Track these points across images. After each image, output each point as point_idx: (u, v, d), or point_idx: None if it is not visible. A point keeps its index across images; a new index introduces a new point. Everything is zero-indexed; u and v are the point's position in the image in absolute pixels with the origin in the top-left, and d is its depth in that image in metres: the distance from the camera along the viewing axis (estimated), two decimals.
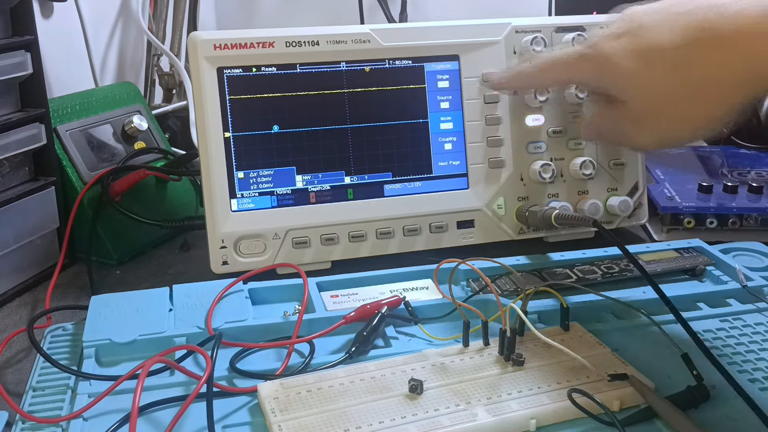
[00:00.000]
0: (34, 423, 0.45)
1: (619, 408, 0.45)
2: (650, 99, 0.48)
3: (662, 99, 0.47)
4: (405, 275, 0.62)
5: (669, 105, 0.48)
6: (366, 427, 0.42)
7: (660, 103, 0.48)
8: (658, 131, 0.49)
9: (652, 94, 0.48)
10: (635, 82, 0.48)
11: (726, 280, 0.62)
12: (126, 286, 0.68)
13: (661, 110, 0.48)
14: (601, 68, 0.50)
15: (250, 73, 0.66)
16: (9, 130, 0.65)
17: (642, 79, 0.48)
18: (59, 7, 0.98)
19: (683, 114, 0.48)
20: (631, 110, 0.50)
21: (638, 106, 0.49)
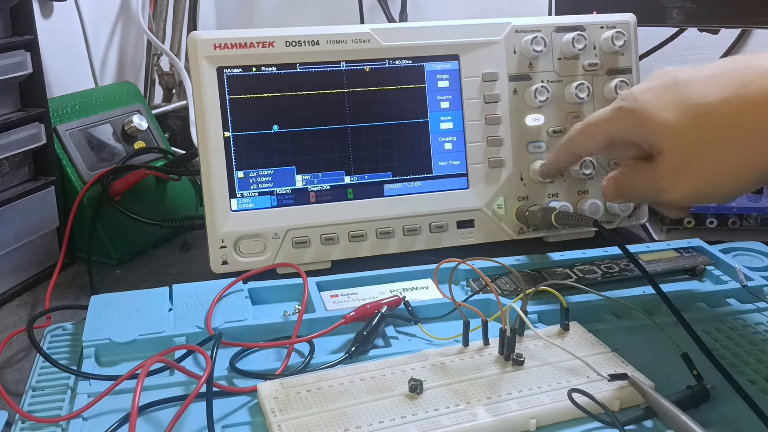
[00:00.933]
0: (34, 423, 0.45)
1: (619, 408, 0.45)
2: (689, 150, 0.49)
3: (701, 150, 0.48)
4: (405, 275, 0.62)
5: (707, 157, 0.48)
6: (366, 426, 0.42)
7: (698, 155, 0.48)
8: (693, 183, 0.49)
9: (690, 145, 0.49)
10: (675, 134, 0.49)
11: (726, 279, 0.62)
12: (126, 285, 0.68)
13: (699, 161, 0.49)
14: (640, 120, 0.51)
15: (250, 72, 0.66)
16: (9, 129, 0.65)
17: (682, 130, 0.49)
18: (59, 6, 0.98)
19: (722, 166, 0.48)
20: (669, 161, 0.50)
21: (676, 157, 0.49)
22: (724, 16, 0.83)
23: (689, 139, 0.49)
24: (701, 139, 0.48)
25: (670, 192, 0.51)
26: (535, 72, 0.72)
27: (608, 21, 0.73)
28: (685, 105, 0.49)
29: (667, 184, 0.50)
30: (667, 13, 0.86)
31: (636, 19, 0.74)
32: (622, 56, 0.73)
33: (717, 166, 0.48)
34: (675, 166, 0.50)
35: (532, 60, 0.71)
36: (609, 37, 0.72)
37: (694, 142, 0.48)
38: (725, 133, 0.47)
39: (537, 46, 0.70)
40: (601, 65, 0.73)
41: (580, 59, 0.72)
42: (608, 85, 0.72)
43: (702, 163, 0.49)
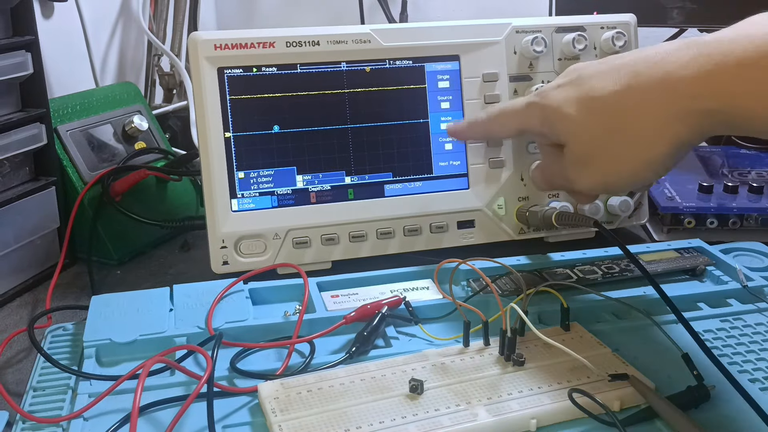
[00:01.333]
0: (35, 423, 0.45)
1: (620, 408, 0.45)
2: (588, 142, 0.51)
3: (599, 142, 0.50)
4: (405, 275, 0.62)
5: (606, 148, 0.50)
6: (366, 427, 0.42)
7: (597, 147, 0.50)
8: (597, 174, 0.51)
9: (589, 137, 0.51)
10: (575, 127, 0.51)
11: (726, 280, 0.62)
12: (126, 286, 0.68)
13: (599, 154, 0.51)
14: (546, 115, 0.53)
15: (250, 73, 0.66)
16: (9, 130, 0.65)
17: (581, 124, 0.51)
18: (60, 7, 0.98)
19: (619, 157, 0.50)
20: (572, 153, 0.52)
21: (578, 150, 0.52)
22: (724, 16, 0.83)
23: (589, 132, 0.50)
24: (600, 132, 0.50)
25: (576, 183, 0.53)
26: (536, 72, 0.72)
27: (608, 21, 0.73)
28: (586, 99, 0.50)
29: (574, 175, 0.53)
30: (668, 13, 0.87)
31: (636, 19, 0.74)
32: None
33: (616, 157, 0.50)
34: (578, 158, 0.52)
35: (532, 60, 0.71)
36: (609, 38, 0.72)
37: (594, 135, 0.50)
38: (620, 124, 0.49)
39: (537, 47, 0.70)
40: None
41: (580, 59, 0.72)
42: None
43: (602, 156, 0.50)
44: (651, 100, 0.47)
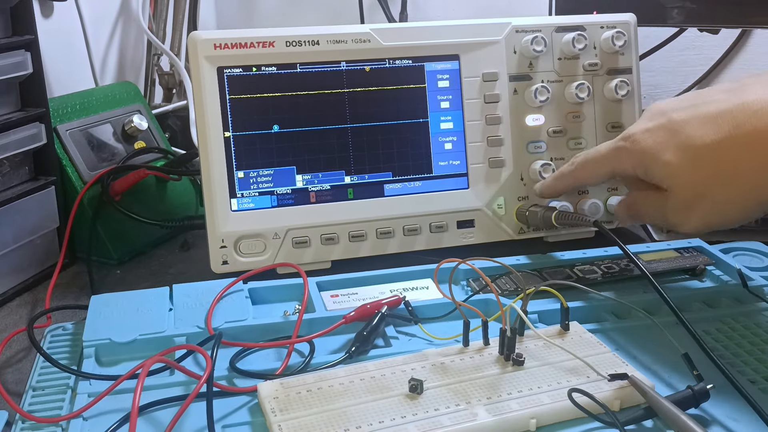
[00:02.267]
0: (34, 422, 0.45)
1: (620, 408, 0.45)
2: (693, 189, 0.52)
3: (705, 189, 0.52)
4: (405, 275, 0.62)
5: (714, 193, 0.51)
6: (366, 426, 0.42)
7: (704, 192, 0.52)
8: (702, 217, 0.53)
9: (695, 184, 0.52)
10: (679, 173, 0.52)
11: (726, 280, 0.62)
12: (126, 285, 0.68)
13: (705, 199, 0.52)
14: (641, 161, 0.54)
15: (250, 72, 0.66)
16: (9, 129, 0.65)
17: (684, 170, 0.52)
18: (59, 6, 0.98)
19: (729, 200, 0.51)
20: (677, 198, 0.53)
21: (684, 195, 0.53)
22: (724, 16, 0.83)
23: (693, 178, 0.52)
24: (704, 178, 0.51)
25: (681, 226, 0.55)
26: (536, 72, 0.72)
27: (608, 21, 0.73)
28: (685, 146, 0.52)
29: (678, 219, 0.54)
30: (667, 13, 0.86)
31: (636, 19, 0.74)
32: (622, 56, 0.73)
33: (722, 201, 0.52)
34: (683, 203, 0.53)
35: (532, 60, 0.71)
36: (609, 37, 0.72)
37: (698, 181, 0.52)
38: (726, 172, 0.50)
39: (537, 46, 0.70)
40: (601, 65, 0.73)
41: (580, 59, 0.72)
42: (608, 85, 0.73)
43: (708, 200, 0.52)
44: (759, 148, 0.49)
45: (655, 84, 1.15)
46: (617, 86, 0.72)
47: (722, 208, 0.52)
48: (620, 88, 0.72)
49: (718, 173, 0.51)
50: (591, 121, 0.73)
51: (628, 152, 0.56)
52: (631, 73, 0.73)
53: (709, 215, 0.53)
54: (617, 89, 0.72)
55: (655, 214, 0.57)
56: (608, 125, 0.73)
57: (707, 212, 0.53)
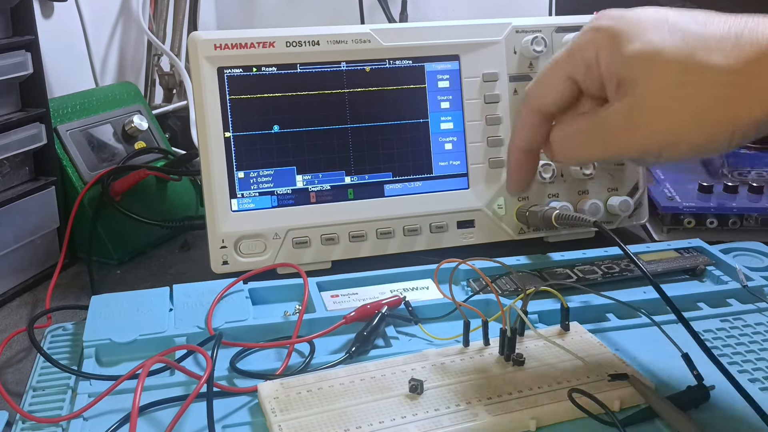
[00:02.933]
0: (35, 423, 0.45)
1: (620, 408, 0.45)
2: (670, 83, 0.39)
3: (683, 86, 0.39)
4: (405, 275, 0.62)
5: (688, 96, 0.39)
6: (366, 427, 0.42)
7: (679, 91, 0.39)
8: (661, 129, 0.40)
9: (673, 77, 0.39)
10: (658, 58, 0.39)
11: (726, 280, 0.62)
12: (126, 285, 0.68)
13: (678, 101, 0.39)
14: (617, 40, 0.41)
15: (250, 73, 0.66)
16: (9, 129, 0.65)
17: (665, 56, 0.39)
18: (60, 6, 0.98)
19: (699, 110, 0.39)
20: (640, 94, 0.40)
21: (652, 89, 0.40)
22: None
23: (673, 76, 0.39)
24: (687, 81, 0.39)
25: (622, 138, 0.41)
26: (536, 72, 0.72)
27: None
28: (683, 31, 0.40)
29: (623, 125, 0.41)
30: None
31: None
32: None
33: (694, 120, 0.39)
34: (644, 106, 0.40)
35: (532, 60, 0.71)
36: None
37: (679, 82, 0.39)
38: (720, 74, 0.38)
39: (537, 47, 0.70)
40: None
41: None
42: None
43: (680, 113, 0.39)
44: None
45: None
46: None
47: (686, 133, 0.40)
48: None
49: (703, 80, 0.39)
50: None
51: (594, 33, 0.42)
52: None
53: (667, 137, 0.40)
54: None
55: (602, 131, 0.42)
56: None
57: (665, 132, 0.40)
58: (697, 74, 0.39)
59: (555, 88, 0.45)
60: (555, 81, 0.45)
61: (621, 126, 0.41)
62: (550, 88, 0.46)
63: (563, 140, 0.46)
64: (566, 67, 0.44)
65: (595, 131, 0.43)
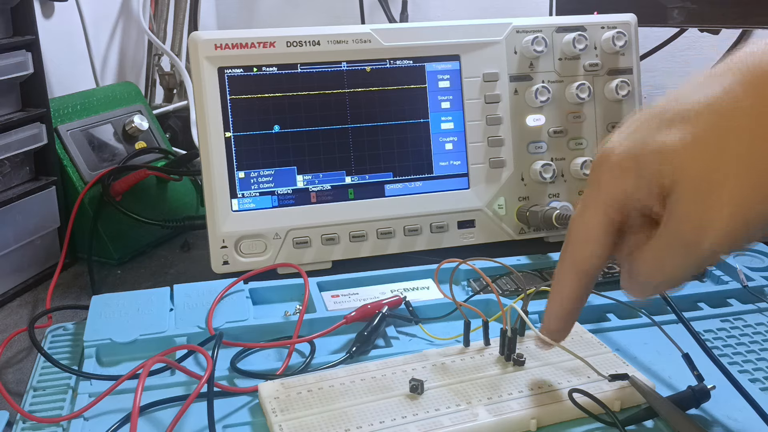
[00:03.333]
0: (35, 423, 0.45)
1: (620, 408, 0.45)
2: (709, 166, 0.35)
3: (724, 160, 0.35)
4: (406, 275, 0.62)
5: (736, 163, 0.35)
6: (366, 426, 0.42)
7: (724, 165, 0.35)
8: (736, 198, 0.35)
9: (709, 158, 0.35)
10: (682, 154, 0.36)
11: (727, 280, 0.62)
12: (127, 285, 0.68)
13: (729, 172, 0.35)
14: (628, 167, 0.38)
15: (251, 73, 0.66)
16: (10, 129, 0.65)
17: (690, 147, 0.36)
18: (60, 7, 0.98)
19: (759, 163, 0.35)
20: (689, 191, 0.36)
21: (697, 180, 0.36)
22: (724, 17, 0.83)
23: (704, 153, 0.35)
24: (720, 148, 0.35)
25: (705, 234, 0.35)
26: (536, 72, 0.72)
27: (609, 21, 0.73)
28: (681, 117, 0.37)
29: (698, 222, 0.36)
30: (668, 13, 0.86)
31: (637, 19, 0.74)
32: (622, 56, 0.73)
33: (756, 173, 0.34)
34: (699, 192, 0.36)
35: (532, 60, 0.71)
36: (610, 38, 0.72)
37: (712, 154, 0.35)
38: (750, 125, 0.35)
39: (538, 47, 0.70)
40: (601, 65, 0.73)
41: (580, 59, 0.72)
42: (609, 85, 0.73)
43: (732, 176, 0.35)
44: None
45: (655, 84, 1.15)
46: (618, 86, 0.72)
47: (758, 190, 0.34)
48: (621, 88, 0.72)
49: (738, 135, 0.34)
50: (591, 122, 0.73)
51: (607, 169, 0.39)
52: (631, 74, 0.74)
53: (743, 203, 0.34)
54: (618, 89, 0.72)
55: (670, 245, 0.37)
56: (609, 125, 0.73)
57: (739, 201, 0.34)
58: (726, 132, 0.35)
59: (596, 242, 0.40)
60: (594, 234, 0.40)
61: (693, 231, 0.36)
62: (591, 244, 0.41)
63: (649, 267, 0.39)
64: (598, 216, 0.40)
65: (674, 247, 0.38)
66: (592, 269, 0.42)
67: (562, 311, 0.43)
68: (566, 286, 0.42)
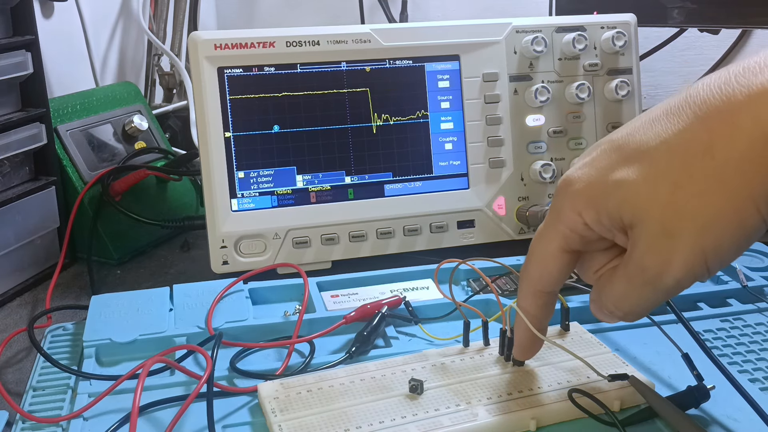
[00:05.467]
0: (35, 423, 0.45)
1: (620, 408, 0.45)
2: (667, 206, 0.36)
3: (681, 199, 0.36)
4: (405, 275, 0.62)
5: (692, 204, 0.36)
6: (366, 426, 0.42)
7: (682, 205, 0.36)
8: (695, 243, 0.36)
9: (667, 200, 0.36)
10: (640, 192, 0.37)
11: (726, 280, 0.62)
12: (126, 285, 0.68)
13: (685, 213, 0.36)
14: (588, 198, 0.39)
15: (250, 73, 0.66)
16: (9, 129, 0.65)
17: (647, 185, 0.37)
18: (60, 6, 0.98)
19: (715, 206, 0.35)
20: (649, 230, 0.37)
21: (656, 220, 0.36)
22: (724, 16, 0.83)
23: (660, 193, 0.36)
24: (675, 187, 0.36)
25: (667, 270, 0.37)
26: (536, 72, 0.72)
27: (609, 21, 0.73)
28: (638, 153, 0.37)
29: (660, 259, 0.37)
30: (668, 13, 0.86)
31: (636, 19, 0.74)
32: (622, 56, 0.73)
33: (709, 215, 0.35)
34: (659, 232, 0.37)
35: (532, 60, 0.71)
36: (609, 38, 0.72)
37: (668, 194, 0.36)
38: (701, 170, 0.35)
39: (537, 47, 0.70)
40: (601, 65, 0.73)
41: (580, 59, 0.72)
42: (609, 85, 0.73)
43: (689, 219, 0.36)
44: (742, 121, 0.35)
45: (655, 84, 1.15)
46: (617, 86, 0.72)
47: (713, 226, 0.35)
48: (620, 88, 0.72)
49: (692, 174, 0.35)
50: (591, 122, 0.73)
51: (568, 199, 0.39)
52: (631, 74, 0.74)
53: (701, 240, 0.36)
54: (617, 89, 0.72)
55: (633, 279, 0.38)
56: (608, 125, 0.73)
57: (696, 237, 0.36)
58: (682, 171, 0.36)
59: (554, 266, 0.42)
60: (551, 259, 0.42)
61: (657, 268, 0.37)
62: (548, 267, 0.42)
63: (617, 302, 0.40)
64: (556, 242, 0.41)
65: (639, 282, 0.38)
66: (548, 288, 0.43)
67: (526, 338, 0.45)
68: (527, 304, 0.44)
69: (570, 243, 0.41)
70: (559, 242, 0.41)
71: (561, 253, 0.41)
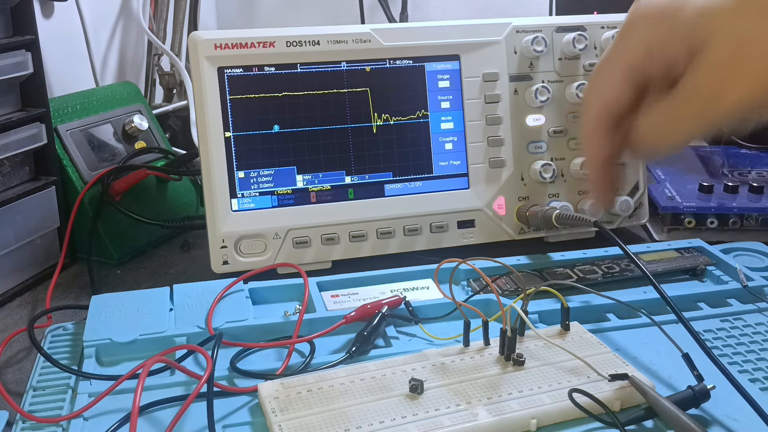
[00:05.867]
0: (35, 423, 0.45)
1: (620, 408, 0.45)
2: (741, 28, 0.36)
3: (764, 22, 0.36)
4: (405, 275, 0.62)
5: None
6: (366, 426, 0.42)
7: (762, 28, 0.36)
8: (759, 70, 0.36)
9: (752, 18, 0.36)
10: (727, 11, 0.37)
11: (727, 280, 0.62)
12: (126, 285, 0.68)
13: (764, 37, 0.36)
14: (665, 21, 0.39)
15: (250, 72, 0.66)
16: (9, 129, 0.65)
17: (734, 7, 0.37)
18: (60, 6, 0.98)
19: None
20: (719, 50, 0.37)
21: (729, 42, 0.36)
22: None
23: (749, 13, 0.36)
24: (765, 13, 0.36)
25: (727, 91, 0.37)
26: (536, 72, 0.72)
27: (609, 21, 0.73)
28: None
29: (721, 80, 0.37)
30: None
31: None
32: None
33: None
34: (733, 49, 0.36)
35: (532, 60, 0.71)
36: (610, 37, 0.72)
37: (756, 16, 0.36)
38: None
39: (538, 46, 0.70)
40: None
41: (580, 59, 0.72)
42: None
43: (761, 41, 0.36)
44: None
45: None
46: None
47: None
48: None
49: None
50: None
51: (646, 17, 0.40)
52: None
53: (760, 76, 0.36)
54: None
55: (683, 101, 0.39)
56: None
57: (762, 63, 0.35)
58: None
59: (618, 85, 0.42)
60: (616, 77, 0.42)
61: (714, 88, 0.37)
62: (612, 87, 0.42)
63: (656, 125, 0.41)
64: (623, 59, 0.42)
65: (688, 105, 0.39)
66: (609, 110, 0.43)
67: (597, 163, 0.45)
68: (592, 129, 0.44)
69: (635, 61, 0.41)
70: (626, 60, 0.41)
71: (626, 70, 0.41)
